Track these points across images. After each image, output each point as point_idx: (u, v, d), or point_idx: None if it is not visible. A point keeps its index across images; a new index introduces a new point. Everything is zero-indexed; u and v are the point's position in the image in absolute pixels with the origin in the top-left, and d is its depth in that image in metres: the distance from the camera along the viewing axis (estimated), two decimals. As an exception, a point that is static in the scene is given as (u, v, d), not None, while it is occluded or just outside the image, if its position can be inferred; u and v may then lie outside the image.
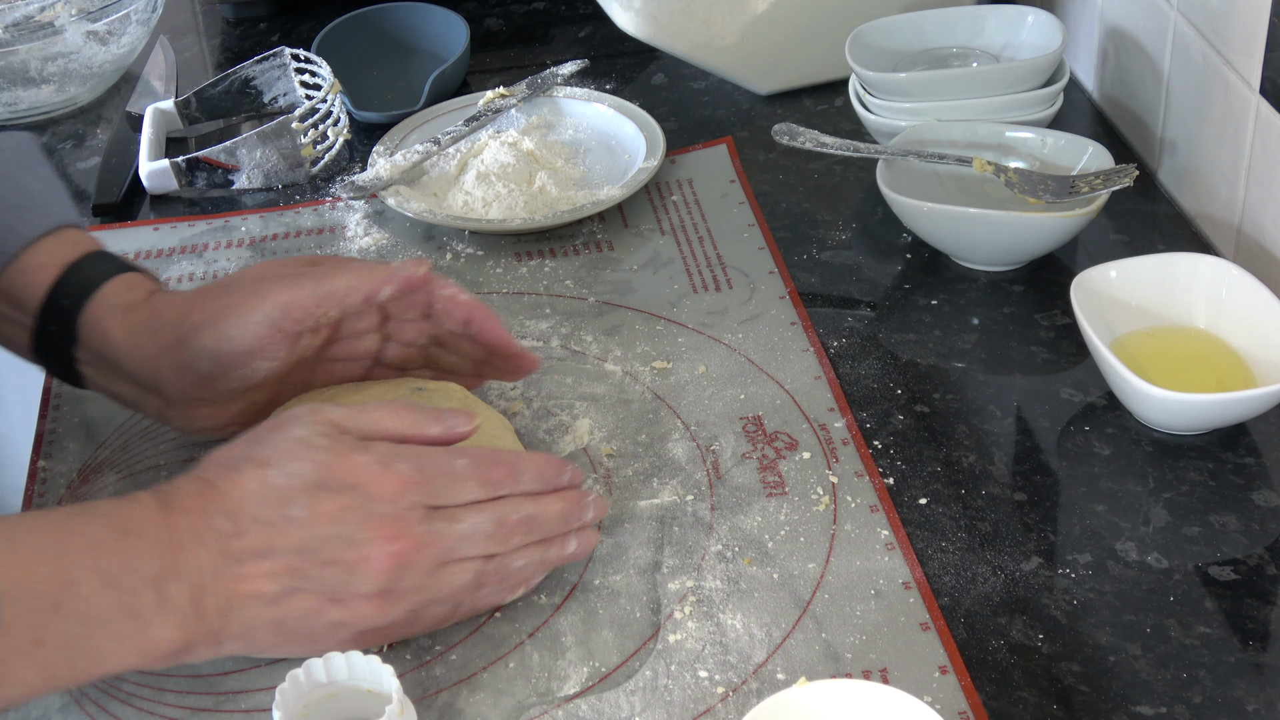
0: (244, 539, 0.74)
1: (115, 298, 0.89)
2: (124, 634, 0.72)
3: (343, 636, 0.77)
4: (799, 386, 0.99)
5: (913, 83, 1.19)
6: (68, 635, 0.70)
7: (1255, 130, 1.02)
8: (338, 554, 0.75)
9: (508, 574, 0.81)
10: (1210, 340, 0.98)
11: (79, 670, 0.71)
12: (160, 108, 1.31)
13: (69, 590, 0.70)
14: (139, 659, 0.73)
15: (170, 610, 0.72)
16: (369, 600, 0.76)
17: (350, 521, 0.75)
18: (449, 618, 0.81)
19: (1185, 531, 0.87)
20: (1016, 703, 0.78)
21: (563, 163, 1.23)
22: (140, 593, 0.72)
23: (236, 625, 0.75)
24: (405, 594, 0.77)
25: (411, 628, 0.80)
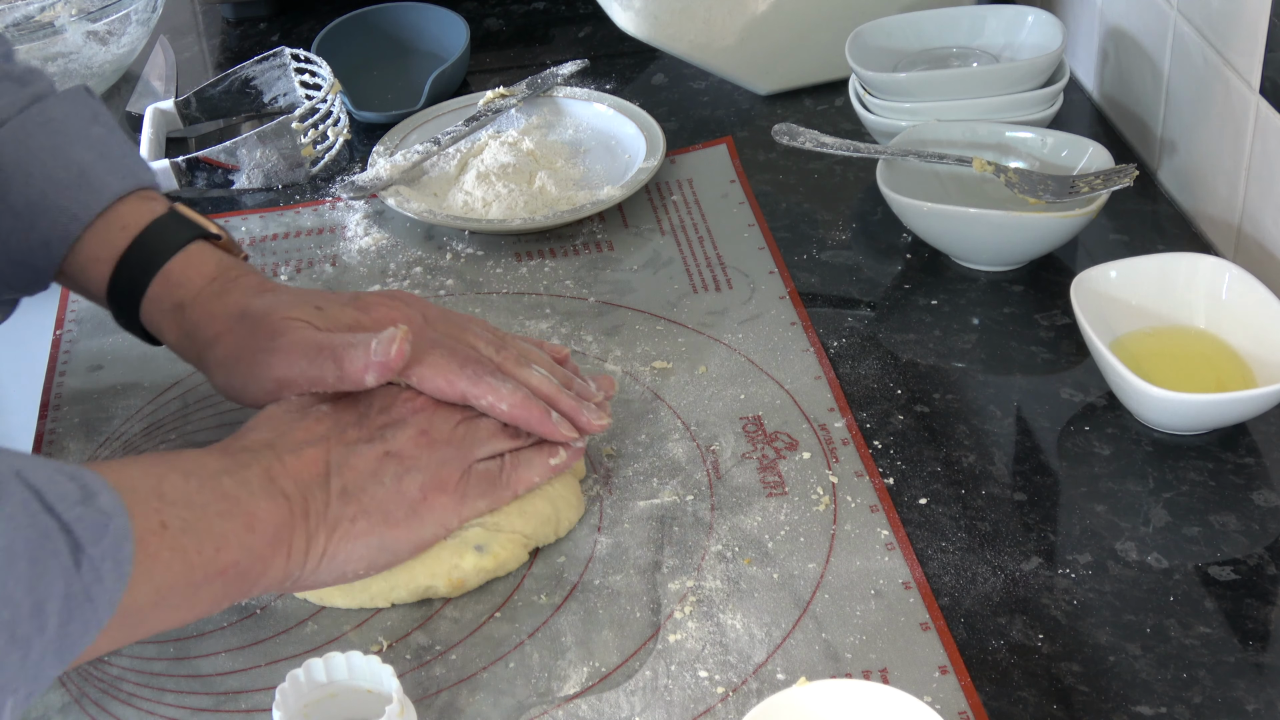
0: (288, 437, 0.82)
1: (165, 299, 0.91)
2: (225, 511, 0.75)
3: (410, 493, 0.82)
4: (799, 386, 0.99)
5: (913, 83, 1.19)
6: (184, 519, 0.73)
7: (1255, 130, 1.02)
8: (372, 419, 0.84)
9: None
10: (1210, 340, 0.98)
11: (207, 556, 0.73)
12: (160, 108, 1.31)
13: (163, 481, 0.74)
14: (249, 534, 0.76)
15: (254, 488, 0.77)
16: (414, 441, 0.83)
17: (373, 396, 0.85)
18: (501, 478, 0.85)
19: (1185, 531, 0.87)
20: (1016, 703, 0.78)
21: (563, 163, 1.23)
22: (219, 479, 0.76)
23: (313, 502, 0.79)
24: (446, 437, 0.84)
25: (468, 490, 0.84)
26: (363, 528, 0.80)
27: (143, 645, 0.84)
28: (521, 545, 0.87)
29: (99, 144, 0.93)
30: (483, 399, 0.86)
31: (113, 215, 0.91)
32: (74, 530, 0.66)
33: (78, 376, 1.05)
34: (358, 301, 0.90)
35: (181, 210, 0.93)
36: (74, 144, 0.92)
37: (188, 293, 0.90)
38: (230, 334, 0.88)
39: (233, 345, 0.88)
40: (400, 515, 0.81)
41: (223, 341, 0.88)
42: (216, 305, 0.90)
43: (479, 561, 0.85)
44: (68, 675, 0.82)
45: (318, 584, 0.81)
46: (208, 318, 0.89)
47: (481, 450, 0.85)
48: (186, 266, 0.91)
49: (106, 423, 1.00)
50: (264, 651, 0.83)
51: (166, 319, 0.90)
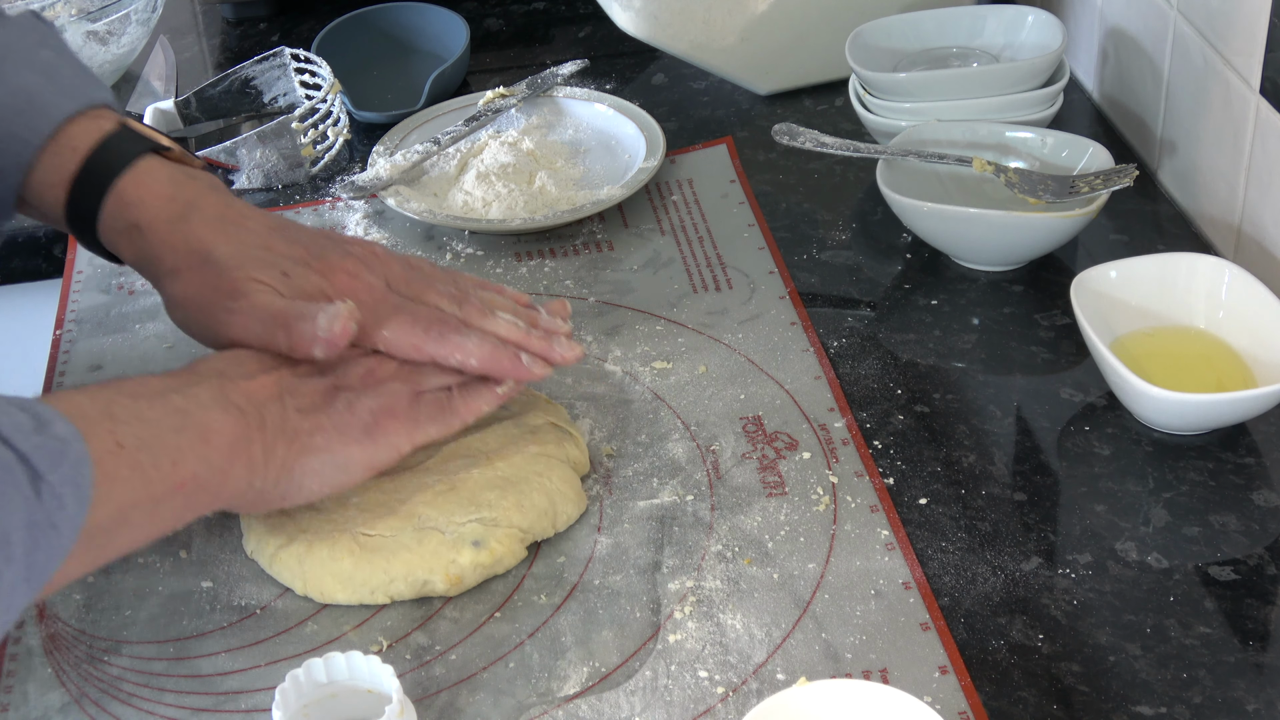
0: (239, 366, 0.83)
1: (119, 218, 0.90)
2: (178, 426, 0.76)
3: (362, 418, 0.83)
4: (799, 386, 0.99)
5: (913, 83, 1.19)
6: (138, 436, 0.73)
7: (1255, 130, 1.02)
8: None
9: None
10: (1210, 340, 0.98)
11: (165, 468, 0.74)
12: (160, 108, 1.31)
13: (111, 404, 0.74)
14: (205, 445, 0.76)
15: (206, 402, 0.78)
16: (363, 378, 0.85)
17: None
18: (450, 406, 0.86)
19: (1185, 531, 0.87)
20: (1016, 703, 0.78)
21: (563, 163, 1.23)
22: (168, 397, 0.77)
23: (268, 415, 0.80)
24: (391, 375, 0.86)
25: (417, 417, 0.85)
26: (320, 442, 0.82)
27: (143, 645, 0.84)
28: (518, 540, 0.87)
29: (47, 67, 0.92)
30: (451, 357, 0.87)
31: (62, 137, 0.90)
32: (31, 460, 0.66)
33: (78, 376, 1.05)
34: (322, 262, 0.89)
35: (132, 125, 0.92)
36: (20, 69, 0.91)
37: (143, 214, 0.89)
38: (192, 274, 0.88)
39: (193, 288, 0.88)
40: (355, 434, 0.83)
41: (183, 279, 0.88)
42: (176, 235, 0.89)
43: (476, 557, 0.85)
44: (67, 675, 0.82)
45: (280, 501, 0.82)
46: (167, 248, 0.89)
47: (428, 383, 0.87)
48: (139, 185, 0.90)
49: (106, 423, 1.00)
50: (264, 651, 0.83)
51: (122, 239, 0.90)
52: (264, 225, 0.90)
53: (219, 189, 0.92)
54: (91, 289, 1.13)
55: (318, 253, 0.89)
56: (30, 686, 0.82)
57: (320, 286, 0.88)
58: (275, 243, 0.89)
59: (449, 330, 0.87)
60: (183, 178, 0.91)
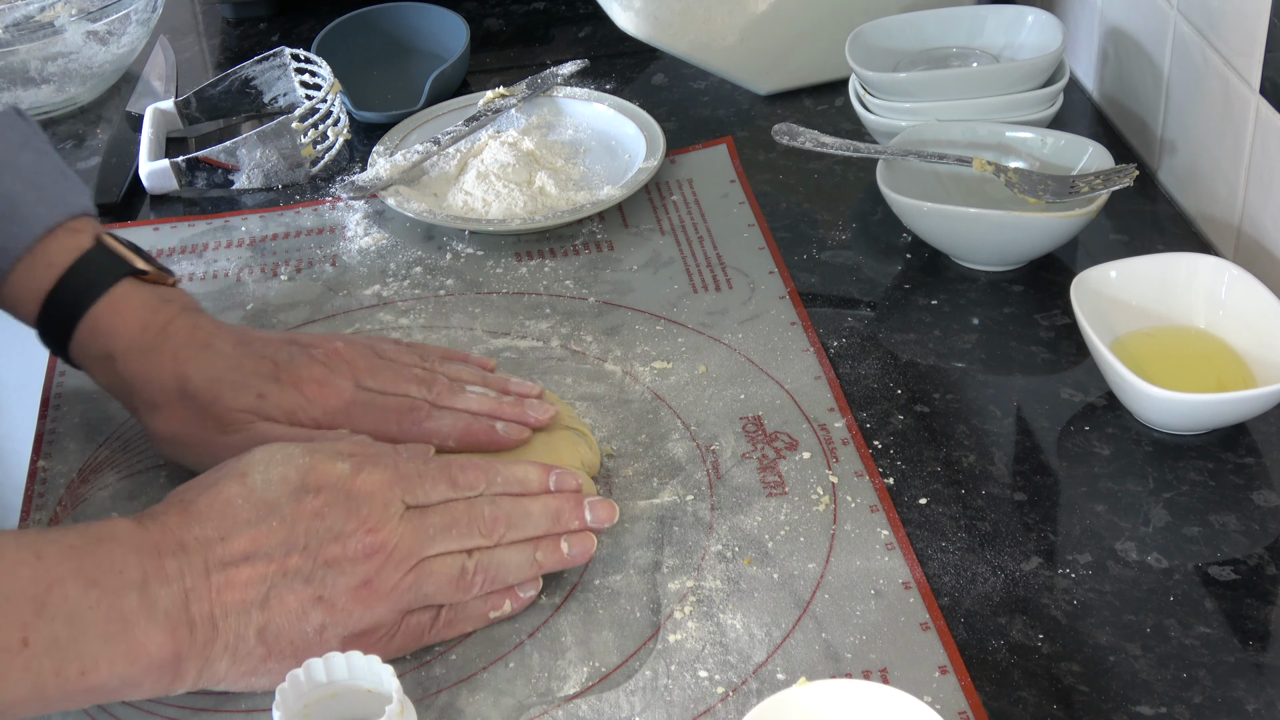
0: (229, 544, 0.76)
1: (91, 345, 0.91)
2: (111, 636, 0.71)
3: (329, 644, 0.77)
4: (799, 386, 0.99)
5: (913, 83, 1.19)
6: (54, 637, 0.69)
7: (1255, 130, 1.02)
8: (321, 548, 0.77)
9: (495, 572, 0.81)
10: (1210, 340, 0.98)
11: (68, 679, 0.70)
12: (160, 108, 1.31)
13: (52, 590, 0.70)
14: (128, 666, 0.72)
15: (157, 615, 0.73)
16: (353, 595, 0.77)
17: (333, 517, 0.77)
18: (433, 628, 0.81)
19: (1185, 531, 0.87)
20: (1016, 703, 0.78)
21: (563, 163, 1.23)
22: (125, 594, 0.72)
23: (225, 634, 0.75)
24: (388, 590, 0.78)
25: (394, 638, 0.80)
26: (271, 666, 0.77)
27: (143, 645, 0.84)
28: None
29: (28, 172, 0.93)
30: (430, 441, 0.88)
31: (39, 251, 0.91)
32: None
33: (78, 376, 1.04)
34: (292, 374, 0.89)
35: (109, 244, 0.93)
36: (2, 173, 0.92)
37: (116, 344, 0.90)
38: (173, 409, 0.89)
39: (179, 425, 0.89)
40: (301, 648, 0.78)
41: (164, 414, 0.89)
42: (151, 366, 0.90)
43: None
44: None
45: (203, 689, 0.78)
46: (141, 380, 0.90)
47: (423, 602, 0.80)
48: (113, 314, 0.91)
49: (106, 423, 1.00)
50: (264, 651, 0.83)
51: (96, 366, 0.91)
52: (230, 343, 0.91)
53: (190, 309, 0.93)
54: (91, 289, 1.13)
55: (285, 364, 0.90)
56: (30, 687, 0.82)
57: (295, 400, 0.88)
58: (244, 361, 0.90)
59: (421, 418, 0.89)
60: (157, 303, 0.92)
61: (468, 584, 0.80)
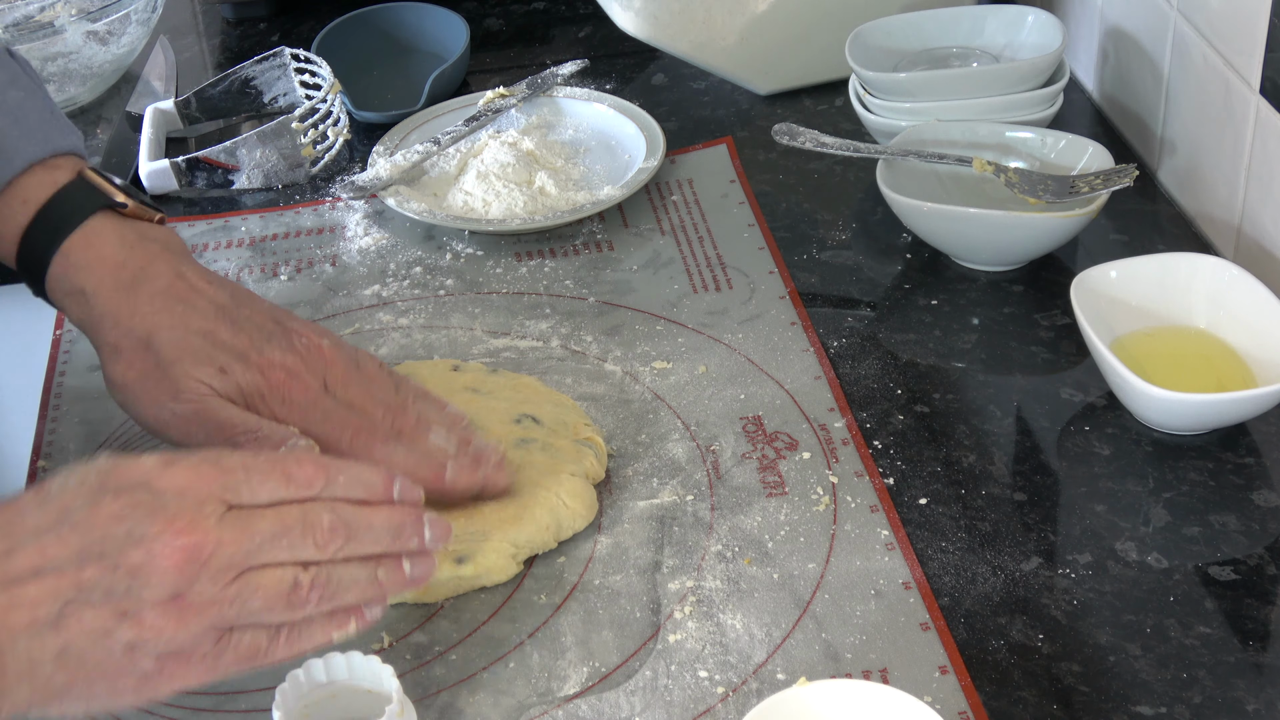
0: (15, 558, 0.65)
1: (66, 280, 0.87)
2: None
3: (142, 666, 0.67)
4: (799, 386, 0.99)
5: (913, 83, 1.19)
6: None
7: (1255, 130, 1.02)
8: (121, 555, 0.66)
9: (332, 591, 0.71)
10: (1210, 340, 0.98)
11: None
12: (160, 108, 1.31)
13: None
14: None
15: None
16: (162, 610, 0.66)
17: (135, 518, 0.67)
18: (269, 648, 0.70)
19: (1185, 531, 0.87)
20: (1016, 703, 0.78)
21: (563, 163, 1.23)
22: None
23: (16, 662, 0.65)
24: (205, 604, 0.67)
25: (220, 658, 0.69)
26: (79, 693, 0.66)
27: (142, 645, 0.84)
28: (509, 555, 0.86)
29: (15, 109, 0.90)
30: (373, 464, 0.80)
31: (17, 187, 0.88)
32: None
33: (78, 376, 1.05)
34: (262, 357, 0.85)
35: (90, 176, 0.90)
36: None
37: (89, 280, 0.87)
38: (133, 357, 0.85)
39: (135, 376, 0.85)
40: (128, 685, 0.68)
41: (123, 360, 0.86)
42: (123, 307, 0.86)
43: (456, 571, 0.85)
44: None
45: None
46: (110, 320, 0.86)
47: (250, 620, 0.69)
48: (88, 247, 0.87)
49: (106, 423, 1.00)
50: (264, 651, 0.83)
51: (69, 301, 0.88)
52: (212, 304, 0.87)
53: (174, 250, 0.89)
54: (91, 289, 1.13)
55: (260, 344, 0.86)
56: (30, 687, 0.81)
57: (256, 385, 0.84)
58: (220, 328, 0.86)
59: (375, 441, 0.85)
60: (135, 239, 0.88)
61: (301, 600, 0.70)
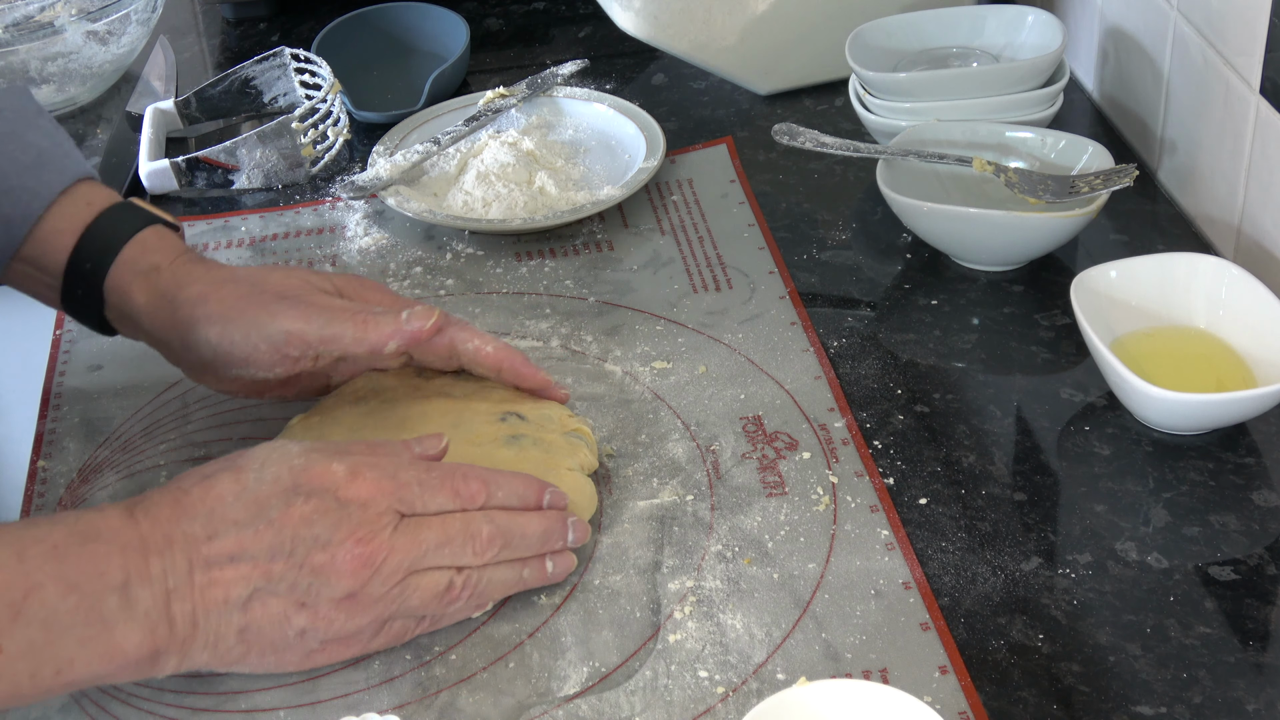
0: (216, 543, 0.74)
1: (139, 260, 0.91)
2: (88, 639, 0.71)
3: (309, 646, 0.77)
4: (799, 386, 0.99)
5: (913, 83, 1.19)
6: (29, 641, 0.69)
7: (1255, 130, 1.02)
8: (308, 555, 0.75)
9: (481, 590, 0.81)
10: (1210, 340, 0.98)
11: (42, 680, 0.70)
12: (160, 108, 1.31)
13: (30, 596, 0.69)
14: (105, 665, 0.72)
15: (137, 615, 0.72)
16: (336, 605, 0.76)
17: (322, 524, 0.76)
18: (412, 632, 0.81)
19: (1185, 531, 0.87)
20: (1016, 703, 0.78)
21: (563, 163, 1.23)
22: (105, 597, 0.71)
23: (205, 632, 0.75)
24: (373, 601, 0.77)
25: (374, 641, 0.79)
26: (252, 663, 0.77)
27: (143, 645, 0.84)
28: None
29: (49, 133, 0.95)
30: (469, 342, 0.91)
31: (75, 193, 0.93)
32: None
33: (78, 376, 1.05)
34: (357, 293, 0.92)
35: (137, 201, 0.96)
36: (28, 130, 0.94)
37: (163, 257, 0.91)
38: (224, 290, 0.89)
39: (230, 301, 0.88)
40: (293, 660, 0.78)
41: (215, 298, 0.89)
42: (197, 269, 0.91)
43: None
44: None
45: None
46: (189, 278, 0.90)
47: (406, 612, 0.79)
48: (159, 238, 0.92)
49: (106, 423, 1.00)
50: (264, 651, 0.83)
51: (139, 280, 0.90)
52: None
53: None
54: (91, 289, 1.13)
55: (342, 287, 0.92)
56: (30, 687, 0.82)
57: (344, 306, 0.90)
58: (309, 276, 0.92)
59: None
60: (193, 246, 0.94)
61: (453, 599, 0.80)
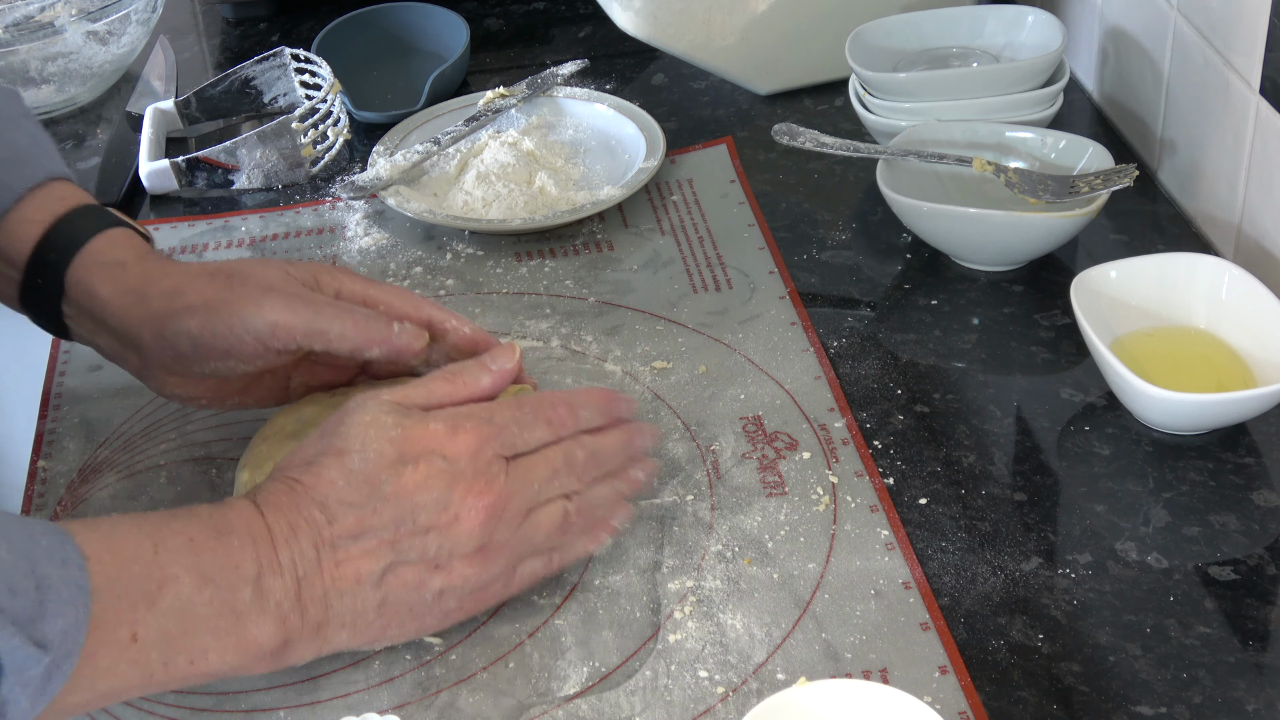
0: (337, 525, 0.75)
1: (104, 254, 0.89)
2: (222, 630, 0.72)
3: (448, 606, 0.79)
4: (799, 386, 0.99)
5: (913, 83, 1.19)
6: (164, 631, 0.70)
7: (1255, 130, 1.02)
8: (432, 519, 0.77)
9: (590, 511, 0.83)
10: (1210, 340, 0.98)
11: (176, 668, 0.71)
12: (160, 108, 1.31)
13: (165, 587, 0.70)
14: (238, 657, 0.73)
15: (269, 606, 0.73)
16: (469, 560, 0.78)
17: (437, 486, 0.77)
18: (545, 570, 0.83)
19: (1185, 531, 0.87)
20: (1016, 703, 0.78)
21: (563, 163, 1.23)
22: (239, 589, 0.72)
23: (341, 613, 0.75)
24: (501, 547, 0.79)
25: (509, 586, 0.81)
26: (391, 632, 0.79)
27: (143, 645, 0.84)
28: None
29: (32, 135, 0.95)
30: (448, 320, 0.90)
31: (50, 189, 0.92)
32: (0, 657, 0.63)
33: (78, 376, 1.05)
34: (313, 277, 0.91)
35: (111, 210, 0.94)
36: (10, 129, 0.94)
37: (129, 254, 0.90)
38: (201, 283, 0.87)
39: (210, 292, 0.86)
40: (433, 622, 0.80)
41: (193, 290, 0.87)
42: (168, 265, 0.89)
43: None
44: (68, 676, 0.82)
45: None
46: (160, 273, 0.88)
47: (533, 552, 0.82)
48: (128, 238, 0.91)
49: (106, 423, 1.00)
50: (264, 651, 0.83)
51: (103, 272, 0.89)
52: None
53: None
54: (91, 289, 1.13)
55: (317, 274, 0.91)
56: (30, 687, 0.82)
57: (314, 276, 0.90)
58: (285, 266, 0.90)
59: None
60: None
61: (570, 526, 0.82)
